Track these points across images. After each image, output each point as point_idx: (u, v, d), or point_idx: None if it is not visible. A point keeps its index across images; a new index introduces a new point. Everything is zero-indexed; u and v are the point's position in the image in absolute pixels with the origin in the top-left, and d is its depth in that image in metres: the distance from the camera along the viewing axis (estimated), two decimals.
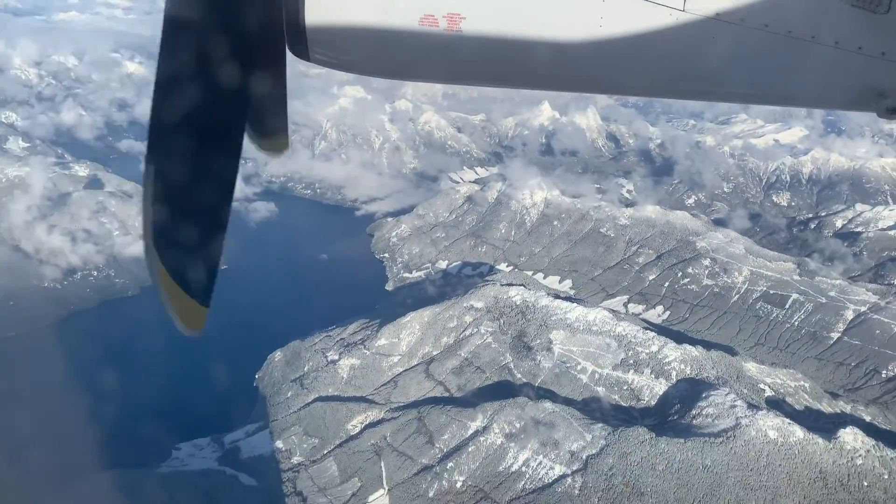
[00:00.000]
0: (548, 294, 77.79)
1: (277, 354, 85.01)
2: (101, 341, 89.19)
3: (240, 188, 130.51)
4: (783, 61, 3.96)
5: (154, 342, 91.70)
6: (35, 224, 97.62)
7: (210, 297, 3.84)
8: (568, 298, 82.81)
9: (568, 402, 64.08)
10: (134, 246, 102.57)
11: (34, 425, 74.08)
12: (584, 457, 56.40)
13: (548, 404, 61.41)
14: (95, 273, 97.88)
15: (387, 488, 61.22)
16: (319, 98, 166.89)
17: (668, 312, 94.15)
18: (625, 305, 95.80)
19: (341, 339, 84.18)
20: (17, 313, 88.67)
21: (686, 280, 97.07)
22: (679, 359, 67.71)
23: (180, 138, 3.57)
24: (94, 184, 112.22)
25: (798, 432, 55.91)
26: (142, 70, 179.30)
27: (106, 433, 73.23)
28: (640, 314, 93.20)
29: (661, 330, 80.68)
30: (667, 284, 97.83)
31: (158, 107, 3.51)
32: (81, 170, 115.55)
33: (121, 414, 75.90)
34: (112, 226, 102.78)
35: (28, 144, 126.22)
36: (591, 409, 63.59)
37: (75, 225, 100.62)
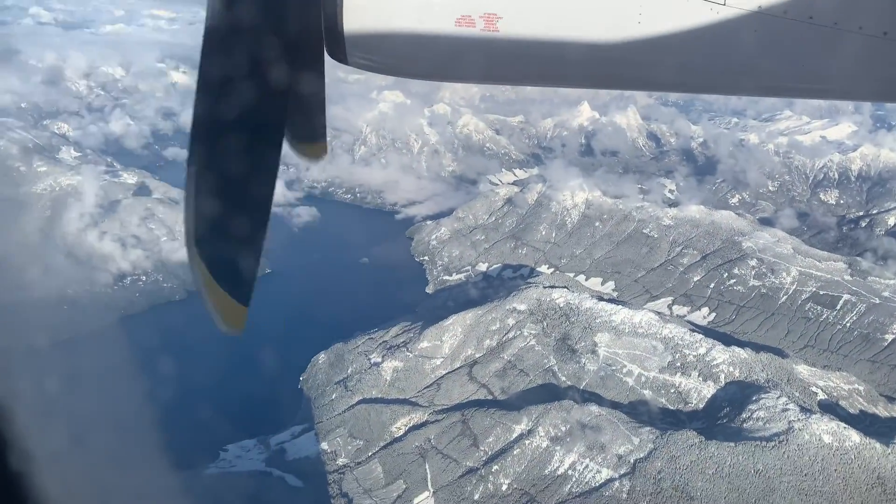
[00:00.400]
0: (591, 296, 77.04)
1: (321, 357, 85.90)
2: (151, 345, 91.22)
3: (282, 193, 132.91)
4: (829, 53, 3.85)
5: (200, 345, 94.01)
6: (87, 231, 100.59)
7: (250, 297, 3.86)
8: (611, 300, 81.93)
9: (614, 405, 63.39)
10: (181, 251, 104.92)
11: (85, 428, 76.33)
12: (631, 460, 55.70)
13: (594, 407, 60.83)
14: (144, 278, 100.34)
15: (432, 490, 61.32)
16: (359, 103, 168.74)
17: (713, 314, 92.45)
18: (669, 307, 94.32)
19: (384, 341, 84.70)
20: (70, 317, 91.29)
21: (732, 281, 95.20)
22: (727, 361, 66.40)
23: (221, 141, 3.64)
24: (142, 191, 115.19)
25: (854, 437, 54.31)
26: (186, 79, 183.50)
27: (155, 435, 74.91)
28: (685, 316, 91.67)
29: (706, 332, 79.12)
30: (712, 286, 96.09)
31: (200, 110, 3.57)
32: (130, 177, 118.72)
33: (169, 416, 77.50)
34: (160, 231, 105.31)
35: (79, 154, 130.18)
36: (638, 412, 62.76)
37: (125, 231, 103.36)
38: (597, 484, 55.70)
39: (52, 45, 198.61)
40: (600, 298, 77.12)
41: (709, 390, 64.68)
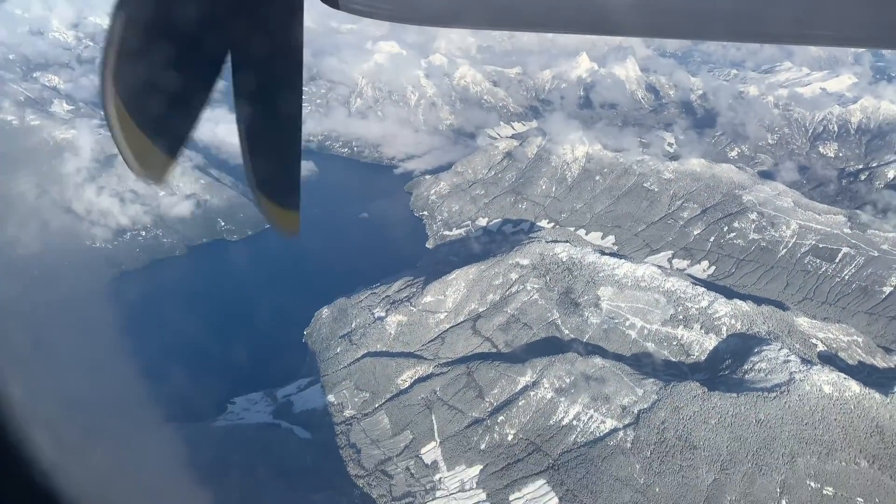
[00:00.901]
0: (594, 250, 77.34)
1: (325, 311, 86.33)
2: (152, 300, 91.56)
3: None
4: None
5: (202, 300, 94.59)
6: (85, 185, 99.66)
7: (299, 202, 4.36)
8: (612, 254, 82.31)
9: (617, 357, 64.33)
10: (179, 206, 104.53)
11: (90, 383, 77.04)
12: (635, 411, 56.83)
13: (597, 359, 61.74)
14: (144, 233, 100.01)
15: (438, 440, 62.55)
16: (354, 54, 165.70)
17: (713, 268, 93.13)
18: (669, 261, 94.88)
19: (387, 296, 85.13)
20: (71, 273, 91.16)
21: (732, 235, 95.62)
22: (729, 314, 67.21)
23: (256, 86, 3.88)
24: None
25: (854, 387, 55.49)
26: None
27: (161, 389, 75.62)
28: (685, 270, 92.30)
29: (706, 285, 79.79)
30: (712, 239, 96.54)
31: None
32: None
33: (174, 370, 78.17)
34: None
35: (72, 107, 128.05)
36: (641, 364, 63.78)
37: (122, 186, 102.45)
38: (601, 434, 56.93)
39: None
40: (602, 253, 77.40)
41: (710, 342, 65.63)
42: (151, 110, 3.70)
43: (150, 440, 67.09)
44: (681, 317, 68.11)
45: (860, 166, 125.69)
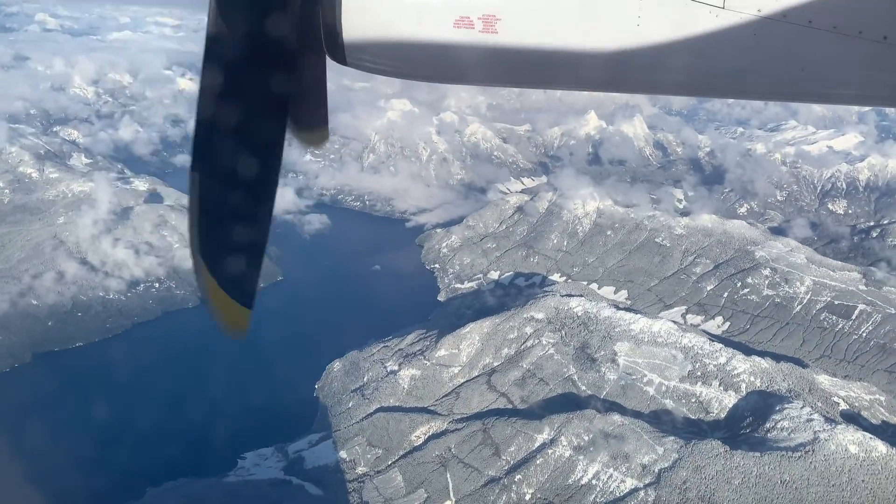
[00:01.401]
0: (609, 305, 77.10)
1: (336, 364, 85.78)
2: (165, 351, 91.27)
3: (293, 201, 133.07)
4: (829, 58, 3.83)
5: (214, 352, 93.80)
6: (101, 237, 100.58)
7: (253, 300, 3.95)
8: (627, 309, 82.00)
9: (636, 414, 63.33)
10: None
11: (102, 434, 76.20)
12: (656, 470, 55.63)
13: (616, 417, 60.80)
14: (157, 285, 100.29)
15: (454, 500, 61.15)
16: (367, 111, 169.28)
17: (727, 323, 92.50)
18: (683, 316, 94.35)
19: (399, 349, 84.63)
20: (85, 324, 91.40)
21: (745, 290, 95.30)
22: (748, 371, 66.43)
23: (223, 148, 3.69)
24: (153, 198, 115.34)
25: (880, 447, 54.33)
26: (193, 86, 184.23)
27: (172, 442, 74.79)
28: (699, 325, 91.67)
29: (722, 342, 79.17)
30: (725, 295, 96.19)
31: (201, 117, 3.64)
32: (141, 184, 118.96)
33: (184, 423, 77.36)
34: (172, 238, 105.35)
35: (90, 160, 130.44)
36: (660, 421, 62.74)
37: (138, 238, 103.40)
38: (621, 493, 55.62)
39: (59, 51, 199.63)
40: (618, 307, 77.12)
41: (730, 400, 64.68)
42: (232, 270, 3.79)
43: (161, 494, 65.96)
44: (699, 373, 67.33)
45: (871, 223, 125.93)
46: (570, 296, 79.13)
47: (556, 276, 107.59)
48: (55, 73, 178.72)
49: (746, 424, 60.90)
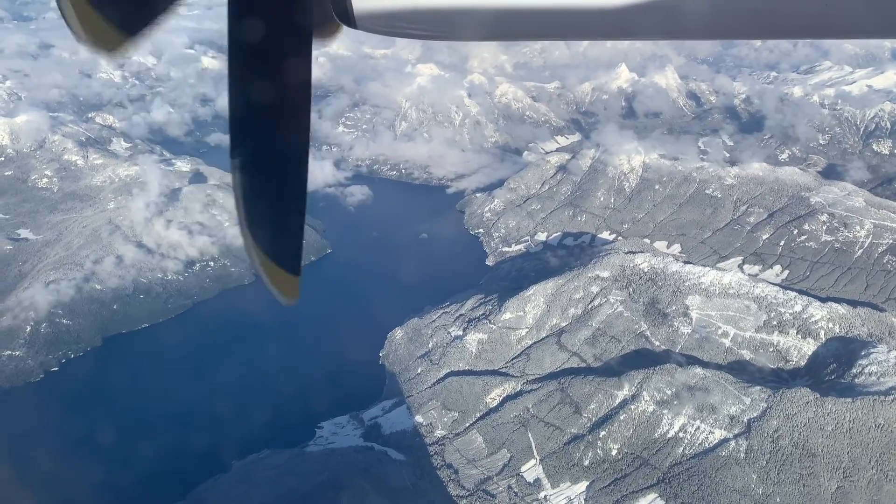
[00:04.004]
0: (676, 259, 76.67)
1: (398, 332, 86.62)
2: (227, 329, 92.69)
3: (332, 173, 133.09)
4: None
5: (274, 327, 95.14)
6: (153, 220, 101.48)
7: (300, 267, 4.11)
8: (687, 262, 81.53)
9: (714, 366, 63.37)
10: None
11: (179, 411, 78.03)
12: (744, 420, 55.86)
13: (698, 369, 60.93)
14: (212, 263, 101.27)
15: (539, 458, 62.03)
16: (396, 78, 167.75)
17: (786, 272, 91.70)
18: (740, 267, 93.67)
19: (460, 314, 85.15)
20: (147, 305, 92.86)
21: (803, 237, 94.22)
22: (826, 317, 66.04)
23: (259, 129, 3.77)
24: (197, 178, 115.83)
25: None
26: (217, 64, 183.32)
27: (246, 416, 76.35)
28: (757, 275, 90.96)
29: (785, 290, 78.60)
30: (782, 243, 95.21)
31: (235, 103, 3.66)
32: (183, 165, 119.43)
33: (256, 397, 78.83)
34: (222, 217, 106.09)
35: (130, 144, 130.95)
36: (740, 372, 62.77)
37: (189, 218, 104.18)
38: (710, 445, 56.01)
39: None
40: (686, 262, 76.69)
41: (809, 347, 64.46)
42: (278, 244, 3.92)
43: (250, 466, 67.57)
44: (774, 322, 67.03)
45: None
46: (634, 252, 78.72)
47: (605, 234, 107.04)
48: (81, 60, 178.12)
49: (830, 371, 60.75)
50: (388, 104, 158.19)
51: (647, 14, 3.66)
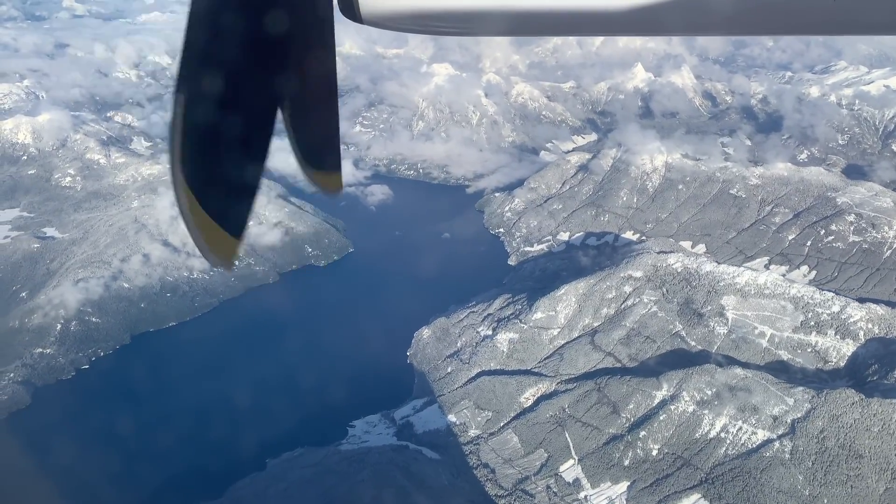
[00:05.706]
0: (709, 259, 76.49)
1: (425, 332, 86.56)
2: (252, 328, 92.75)
3: (351, 172, 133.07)
4: None
5: (301, 325, 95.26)
6: (178, 219, 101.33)
7: (244, 230, 3.65)
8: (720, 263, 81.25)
9: (754, 367, 63.16)
10: (268, 235, 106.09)
11: (211, 409, 77.99)
12: (788, 420, 55.68)
13: (738, 370, 60.76)
14: (237, 262, 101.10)
15: (577, 458, 61.92)
16: (412, 78, 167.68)
17: (813, 272, 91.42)
18: (766, 267, 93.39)
19: (488, 314, 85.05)
20: (174, 304, 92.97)
21: (830, 238, 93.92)
22: (864, 318, 65.82)
23: (213, 63, 3.41)
24: None
25: None
26: None
27: (278, 415, 76.34)
28: (784, 275, 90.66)
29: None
30: (809, 243, 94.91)
31: (191, 33, 3.33)
32: None
33: (286, 396, 78.84)
34: None
35: (150, 143, 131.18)
36: (779, 372, 62.56)
37: None
38: (754, 445, 55.84)
39: (97, 36, 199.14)
40: (718, 262, 76.49)
41: (848, 348, 64.27)
42: (218, 194, 3.48)
43: (283, 464, 67.54)
44: (812, 323, 66.84)
45: None
46: (666, 252, 78.55)
47: (628, 234, 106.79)
48: (97, 59, 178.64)
49: (872, 372, 60.56)
50: (404, 104, 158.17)
51: (663, 10, 3.61)
